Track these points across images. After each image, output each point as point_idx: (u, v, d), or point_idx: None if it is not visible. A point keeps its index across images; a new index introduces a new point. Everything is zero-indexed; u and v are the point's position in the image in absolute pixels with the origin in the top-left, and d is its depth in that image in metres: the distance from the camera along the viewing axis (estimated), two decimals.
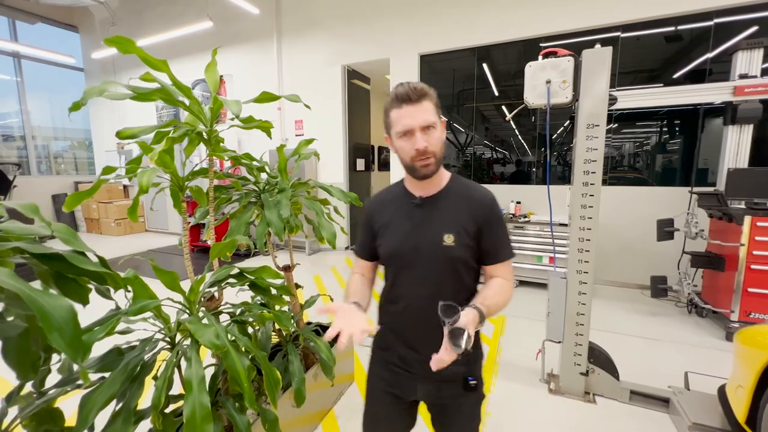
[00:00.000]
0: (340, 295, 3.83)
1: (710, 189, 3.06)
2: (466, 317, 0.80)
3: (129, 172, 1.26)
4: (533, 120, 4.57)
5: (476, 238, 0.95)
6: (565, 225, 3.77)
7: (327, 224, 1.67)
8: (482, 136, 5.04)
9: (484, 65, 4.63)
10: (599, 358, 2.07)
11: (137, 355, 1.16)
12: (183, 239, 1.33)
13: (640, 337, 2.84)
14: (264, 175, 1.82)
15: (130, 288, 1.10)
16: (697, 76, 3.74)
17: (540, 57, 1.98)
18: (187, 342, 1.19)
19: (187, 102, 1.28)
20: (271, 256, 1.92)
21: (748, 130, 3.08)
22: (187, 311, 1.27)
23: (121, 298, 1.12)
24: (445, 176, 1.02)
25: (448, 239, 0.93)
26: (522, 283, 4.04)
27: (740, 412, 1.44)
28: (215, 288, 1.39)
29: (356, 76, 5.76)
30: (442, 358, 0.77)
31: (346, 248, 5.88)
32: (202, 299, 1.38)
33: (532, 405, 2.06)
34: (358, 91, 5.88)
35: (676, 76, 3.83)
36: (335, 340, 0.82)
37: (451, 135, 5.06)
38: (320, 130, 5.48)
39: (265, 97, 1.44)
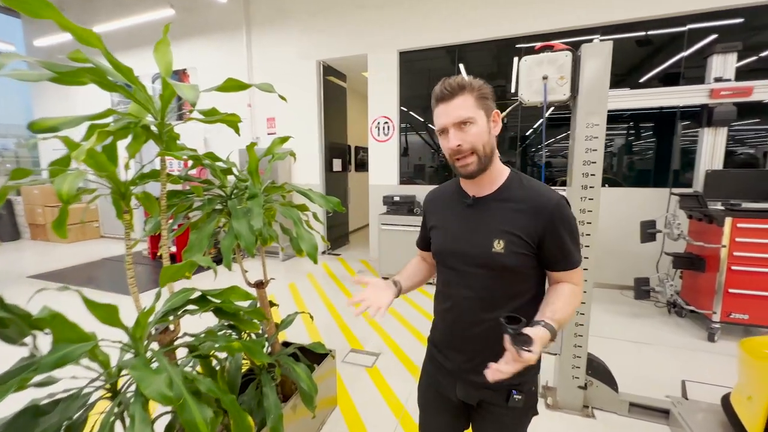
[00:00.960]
0: (321, 307, 3.65)
1: (690, 190, 3.09)
2: (535, 333, 0.74)
3: (53, 174, 0.98)
4: (504, 121, 4.55)
5: (536, 245, 0.87)
6: None
7: (306, 235, 1.44)
8: None
9: (461, 65, 4.55)
10: (597, 369, 1.98)
11: (62, 415, 0.89)
12: (127, 259, 1.07)
13: (628, 340, 2.80)
14: (231, 178, 1.57)
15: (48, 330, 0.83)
16: (669, 80, 3.82)
17: (536, 51, 1.85)
18: (133, 389, 0.94)
19: (130, 88, 1.02)
20: (241, 270, 1.66)
21: (723, 133, 3.14)
22: (132, 351, 1.01)
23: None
24: (502, 174, 0.94)
25: (498, 245, 0.87)
26: None
27: (755, 427, 1.37)
28: (170, 317, 1.14)
29: (332, 73, 5.50)
30: (501, 368, 0.74)
31: (323, 252, 5.61)
32: (153, 332, 1.12)
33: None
34: (334, 88, 5.63)
35: (643, 79, 3.88)
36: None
37: (427, 135, 4.94)
38: (294, 129, 5.18)
39: (232, 85, 1.20)
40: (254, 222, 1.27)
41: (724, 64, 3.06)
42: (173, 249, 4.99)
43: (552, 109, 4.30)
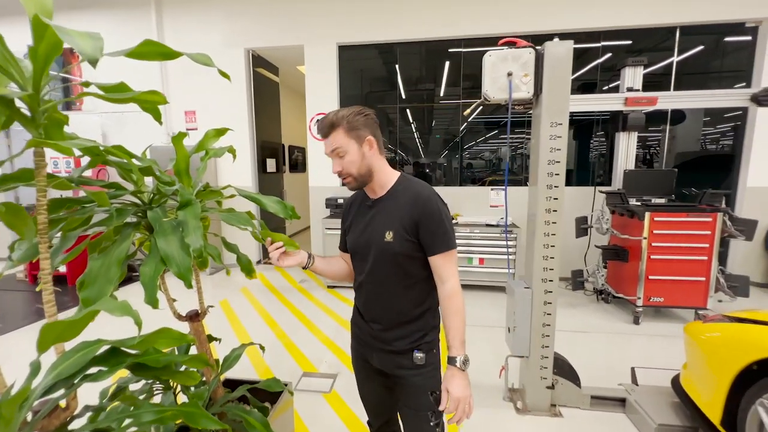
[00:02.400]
0: (262, 327, 3.20)
1: (614, 188, 3.42)
2: (460, 382, 1.03)
3: None
4: (432, 123, 4.70)
5: (415, 233, 1.06)
6: (493, 226, 3.83)
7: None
8: (387, 139, 5.00)
9: (396, 66, 4.52)
10: (562, 367, 2.00)
11: None
12: None
13: (570, 330, 2.97)
14: (150, 181, 1.18)
15: None
16: (586, 89, 4.24)
17: (499, 47, 1.79)
18: None
19: None
20: (167, 298, 1.27)
21: (634, 137, 3.54)
22: None
23: None
24: (390, 179, 1.13)
25: (389, 236, 1.07)
26: None
27: (714, 414, 1.45)
28: (61, 390, 0.76)
29: (263, 64, 5.00)
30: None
31: (258, 262, 5.08)
32: (32, 417, 0.73)
33: (502, 430, 1.87)
34: (265, 82, 5.12)
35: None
36: None
37: None
38: (220, 125, 4.52)
39: (151, 51, 0.86)
40: (191, 239, 0.93)
41: (634, 76, 3.45)
42: (62, 269, 4.04)
43: (478, 110, 4.47)
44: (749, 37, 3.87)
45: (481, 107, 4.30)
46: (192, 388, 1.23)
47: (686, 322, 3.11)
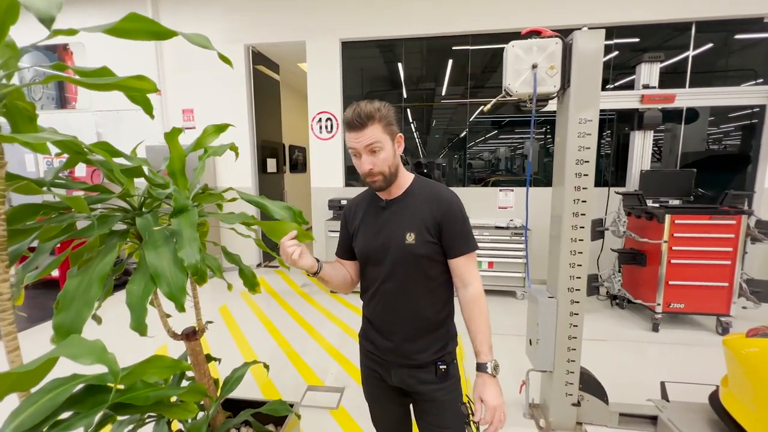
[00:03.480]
0: (264, 335, 3.05)
1: (631, 190, 3.28)
2: (493, 390, 0.97)
3: None
4: (432, 123, 4.59)
5: (437, 235, 1.01)
6: (503, 228, 3.70)
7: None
8: None
9: (399, 65, 4.39)
10: (588, 383, 1.86)
11: None
12: None
13: (587, 339, 2.81)
14: (140, 182, 1.04)
15: None
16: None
17: (522, 37, 1.65)
18: None
19: None
20: (159, 314, 1.13)
21: (650, 136, 3.41)
22: None
23: None
24: (407, 180, 1.08)
25: (410, 237, 1.01)
26: None
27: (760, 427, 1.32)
28: None
29: (263, 62, 4.86)
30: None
31: (259, 265, 4.93)
32: None
33: None
34: (265, 80, 4.98)
35: None
36: None
37: None
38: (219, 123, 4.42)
39: (136, 28, 0.72)
40: (185, 253, 0.79)
41: (650, 73, 3.31)
42: (54, 272, 3.89)
43: (477, 111, 4.34)
44: (766, 34, 3.74)
45: (481, 107, 4.12)
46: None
47: (707, 329, 2.99)
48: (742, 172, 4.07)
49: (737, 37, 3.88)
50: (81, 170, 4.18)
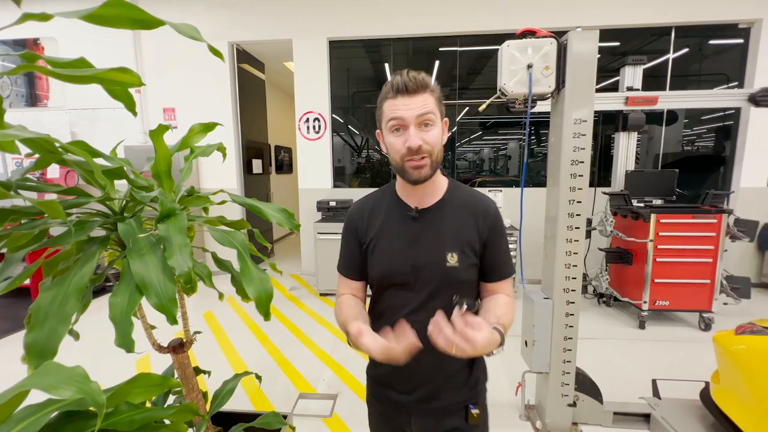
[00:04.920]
0: (252, 342, 2.95)
1: (617, 190, 3.34)
2: (486, 336, 0.69)
3: None
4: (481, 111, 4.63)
5: (480, 255, 0.86)
6: None
7: (256, 272, 0.92)
8: (374, 140, 4.88)
9: (386, 65, 4.38)
10: (584, 383, 1.86)
11: None
12: None
13: (579, 338, 2.85)
14: (121, 185, 0.96)
15: None
16: None
17: (517, 36, 1.64)
18: None
19: None
20: (144, 326, 1.05)
21: (634, 137, 3.49)
22: None
23: None
24: (443, 183, 0.90)
25: (452, 259, 0.83)
26: None
27: (754, 425, 1.34)
28: None
29: (248, 60, 4.74)
30: (446, 331, 0.66)
31: None
32: None
33: None
34: (250, 79, 4.86)
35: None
36: None
37: (348, 137, 4.70)
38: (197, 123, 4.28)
39: (118, 15, 0.65)
40: (175, 260, 0.73)
41: (634, 75, 3.39)
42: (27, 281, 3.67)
43: (465, 110, 4.38)
44: (740, 40, 3.90)
45: (467, 108, 4.13)
46: None
47: (690, 325, 3.07)
48: (717, 172, 4.23)
49: (711, 42, 4.03)
50: (54, 172, 3.97)
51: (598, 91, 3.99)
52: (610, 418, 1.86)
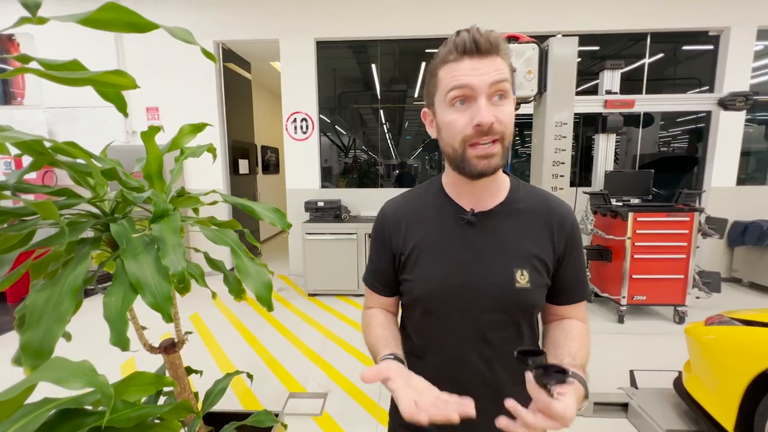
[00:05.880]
0: (241, 343, 2.94)
1: (597, 190, 3.46)
2: (575, 399, 0.51)
3: None
4: (405, 125, 4.71)
5: (552, 272, 0.69)
6: None
7: (253, 268, 0.94)
8: (361, 140, 5.02)
9: (373, 66, 4.42)
10: None
11: None
12: None
13: None
14: (112, 186, 0.97)
15: None
16: None
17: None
18: None
19: None
20: (135, 327, 1.06)
21: (613, 138, 3.62)
22: None
23: None
24: (505, 180, 0.71)
25: (522, 279, 0.65)
26: None
27: (727, 419, 1.43)
28: None
29: (233, 59, 4.70)
30: (527, 420, 0.48)
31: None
32: None
33: None
34: (236, 78, 4.81)
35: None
36: None
37: (336, 138, 4.79)
38: (187, 123, 4.22)
39: (114, 19, 0.66)
40: (170, 260, 0.74)
41: (612, 79, 3.52)
42: None
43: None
44: (711, 46, 4.09)
45: None
46: None
47: (666, 319, 3.21)
48: (691, 172, 4.44)
49: (684, 48, 4.22)
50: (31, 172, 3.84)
51: (579, 93, 4.18)
52: (591, 408, 1.94)
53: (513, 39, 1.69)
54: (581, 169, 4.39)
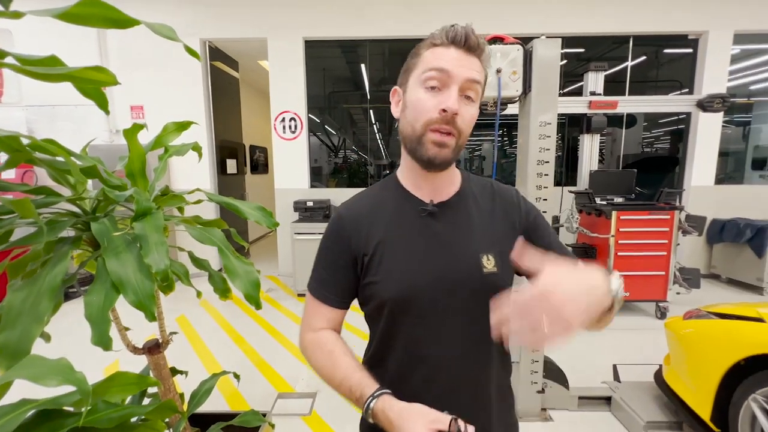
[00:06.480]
0: (229, 345, 2.89)
1: (582, 189, 3.53)
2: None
3: None
4: (395, 125, 4.73)
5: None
6: None
7: (241, 266, 0.94)
8: (351, 140, 5.05)
9: (363, 66, 4.43)
10: (551, 370, 1.97)
11: None
12: None
13: None
14: (94, 185, 0.95)
15: None
16: None
17: (487, 42, 1.72)
18: None
19: None
20: (118, 327, 1.04)
21: (597, 139, 3.70)
22: None
23: None
24: (456, 172, 0.73)
25: (488, 263, 0.64)
26: None
27: (703, 410, 1.48)
28: None
29: (221, 57, 4.64)
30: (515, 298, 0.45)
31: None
32: None
33: None
34: (224, 77, 4.76)
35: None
36: None
37: (325, 137, 4.77)
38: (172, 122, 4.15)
39: (93, 14, 0.66)
40: (152, 258, 0.74)
41: (596, 81, 3.60)
42: None
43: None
44: (690, 50, 4.22)
45: None
46: None
47: (648, 314, 3.30)
48: (672, 171, 4.56)
49: (666, 51, 4.35)
50: (10, 172, 3.73)
51: (565, 95, 4.26)
52: (576, 402, 1.98)
53: (498, 40, 1.72)
54: (567, 168, 4.48)
